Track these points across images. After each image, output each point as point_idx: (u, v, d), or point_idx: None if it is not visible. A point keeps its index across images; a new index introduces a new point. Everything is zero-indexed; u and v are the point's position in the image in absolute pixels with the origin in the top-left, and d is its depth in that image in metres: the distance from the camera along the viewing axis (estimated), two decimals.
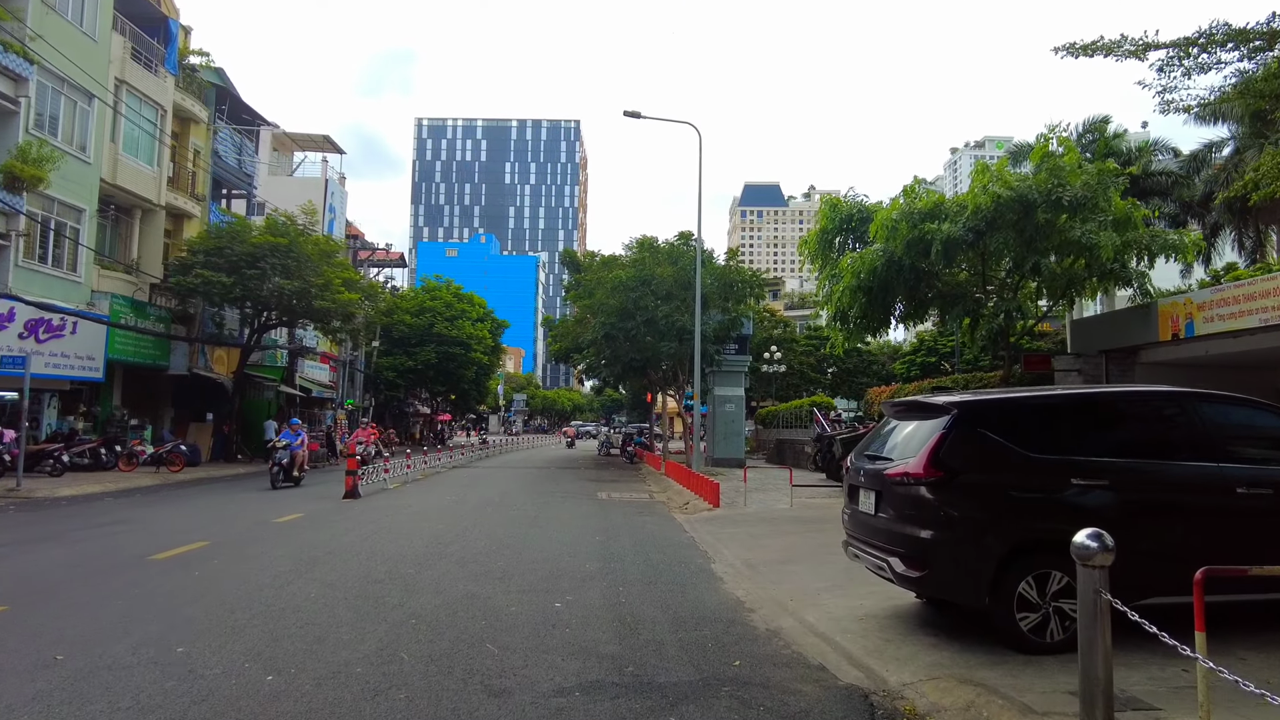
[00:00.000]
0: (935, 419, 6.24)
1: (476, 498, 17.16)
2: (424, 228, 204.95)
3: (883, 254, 14.50)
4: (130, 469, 23.60)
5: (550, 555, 9.88)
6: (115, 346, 25.27)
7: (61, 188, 23.27)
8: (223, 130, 33.13)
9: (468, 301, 52.59)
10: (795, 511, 14.90)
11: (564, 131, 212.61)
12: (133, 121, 26.60)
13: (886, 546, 6.26)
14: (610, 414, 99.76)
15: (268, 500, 16.31)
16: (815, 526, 12.91)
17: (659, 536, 11.99)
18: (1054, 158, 14.46)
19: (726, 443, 27.96)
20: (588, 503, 16.68)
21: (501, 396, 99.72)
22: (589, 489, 20.29)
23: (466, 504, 15.65)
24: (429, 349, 48.34)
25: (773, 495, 17.78)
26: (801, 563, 9.92)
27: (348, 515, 13.48)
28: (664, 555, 10.26)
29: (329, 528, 11.92)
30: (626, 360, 25.10)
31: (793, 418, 32.61)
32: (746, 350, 29.69)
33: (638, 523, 13.56)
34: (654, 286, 24.21)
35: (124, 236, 28.01)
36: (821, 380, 54.78)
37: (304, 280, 28.28)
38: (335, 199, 46.86)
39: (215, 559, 9.04)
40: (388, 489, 18.79)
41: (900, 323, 17.46)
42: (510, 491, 18.87)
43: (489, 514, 14.07)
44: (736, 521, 13.59)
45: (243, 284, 26.97)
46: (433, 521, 12.88)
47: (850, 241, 17.13)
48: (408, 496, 17.15)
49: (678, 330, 23.30)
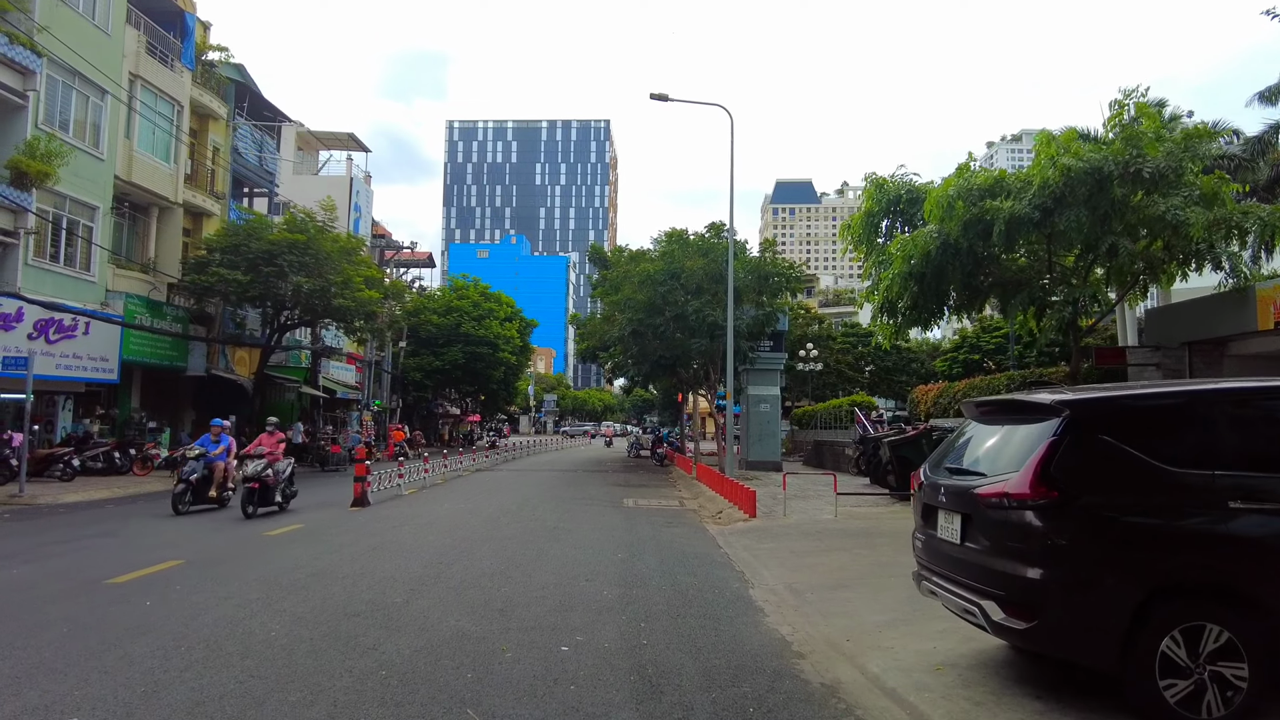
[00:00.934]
0: (1040, 422, 4.85)
1: (494, 506, 15.99)
2: (456, 230, 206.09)
3: (937, 236, 13.01)
4: (145, 473, 22.90)
5: (564, 578, 8.62)
6: (130, 347, 24.61)
7: (73, 184, 22.62)
8: (242, 127, 32.49)
9: (495, 301, 51.68)
10: (841, 523, 13.48)
11: (594, 131, 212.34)
12: (148, 118, 25.95)
13: (979, 586, 4.88)
14: (641, 414, 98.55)
15: None
16: (865, 541, 11.50)
17: (689, 553, 10.67)
18: (1130, 127, 12.86)
19: (761, 444, 26.51)
20: (612, 512, 15.42)
21: (532, 397, 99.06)
22: (615, 495, 19.03)
23: (481, 513, 14.47)
24: (456, 349, 47.50)
25: (814, 504, 16.36)
26: (855, 588, 8.54)
27: (348, 527, 12.36)
28: (694, 578, 8.94)
29: (323, 542, 10.79)
30: (655, 358, 23.79)
31: (831, 418, 31.03)
32: (782, 347, 28.18)
33: (666, 536, 12.26)
34: (683, 280, 22.88)
35: (141, 235, 27.40)
36: (859, 379, 52.96)
37: (323, 278, 27.45)
38: (360, 198, 46.22)
39: (180, 583, 7.92)
40: (402, 495, 17.72)
41: (954, 314, 15.92)
42: (531, 499, 17.68)
43: (503, 525, 12.86)
44: (776, 535, 12.22)
45: (260, 282, 26.20)
46: (440, 534, 11.70)
47: (899, 225, 15.63)
48: (421, 504, 16.03)
49: (709, 326, 21.94)
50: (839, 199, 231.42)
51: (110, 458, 22.86)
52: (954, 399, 22.22)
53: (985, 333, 56.40)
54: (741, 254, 23.45)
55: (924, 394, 24.53)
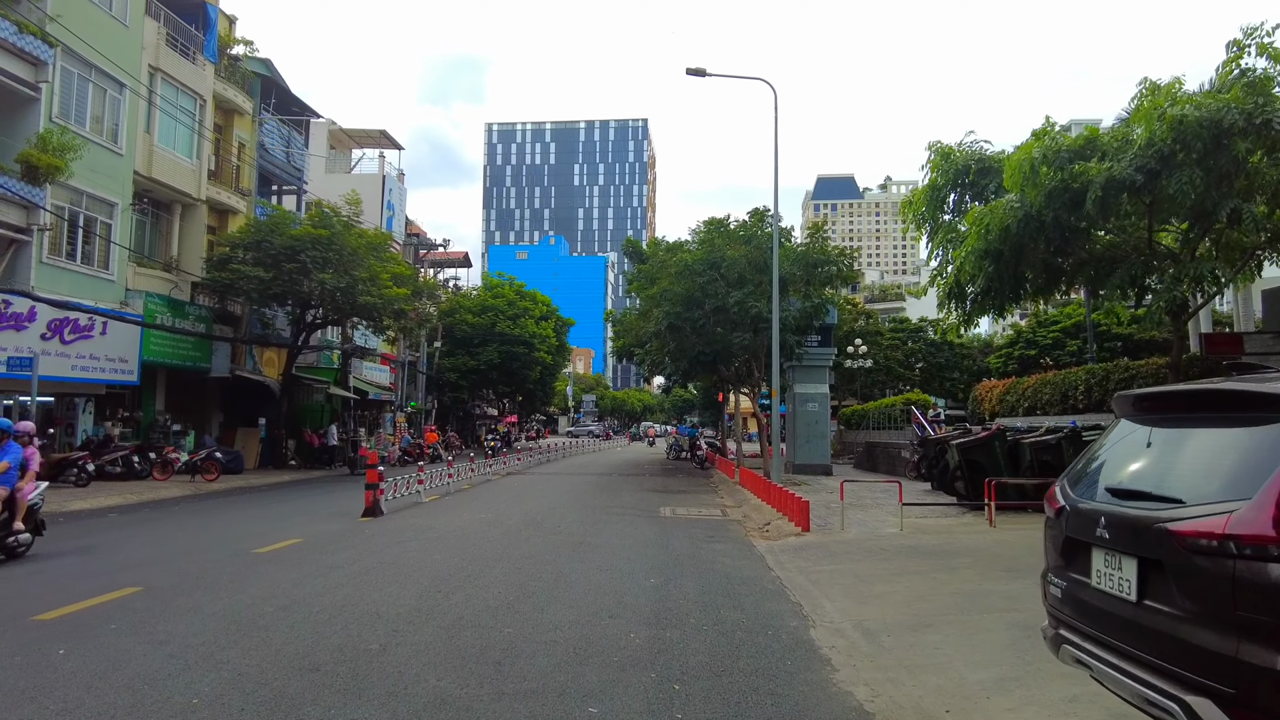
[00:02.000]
0: (1272, 424, 3.21)
1: (518, 515, 14.57)
2: (495, 232, 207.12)
3: (1019, 207, 11.22)
4: (165, 478, 22.06)
5: (583, 613, 7.12)
6: (151, 348, 23.83)
7: (90, 180, 21.86)
8: (269, 122, 31.70)
9: (530, 299, 50.54)
10: (908, 538, 11.76)
11: (631, 130, 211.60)
12: (168, 112, 25.18)
13: (1176, 669, 3.24)
14: (681, 414, 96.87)
15: (269, 520, 14.10)
16: (942, 562, 9.78)
17: (734, 577, 9.09)
18: (1250, 73, 10.93)
19: (809, 446, 24.73)
20: (647, 523, 13.87)
21: (570, 397, 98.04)
22: (651, 503, 17.50)
23: (501, 525, 13.05)
24: (491, 348, 46.47)
25: (874, 514, 14.61)
26: (941, 628, 6.89)
27: (351, 542, 11.03)
28: (742, 613, 7.37)
29: (314, 561, 9.45)
30: (694, 354, 22.16)
31: (884, 418, 29.08)
32: (830, 342, 26.32)
33: (707, 554, 10.68)
34: (724, 270, 21.22)
35: (163, 233, 26.68)
36: (909, 376, 50.61)
37: (348, 274, 26.43)
38: (394, 195, 45.46)
39: (121, 619, 6.60)
40: (421, 503, 16.41)
41: (1029, 299, 14.04)
42: (559, 506, 16.23)
43: (523, 540, 11.41)
44: (834, 553, 10.56)
45: (282, 279, 25.25)
46: (449, 551, 10.29)
47: (967, 199, 13.84)
48: (438, 514, 14.68)
49: (752, 319, 20.25)
50: (882, 194, 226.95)
51: (129, 462, 22.06)
52: (1022, 396, 20.24)
53: (1041, 327, 53.61)
54: (786, 242, 21.74)
55: (987, 391, 22.54)
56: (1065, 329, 51.90)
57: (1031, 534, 11.91)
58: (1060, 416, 17.85)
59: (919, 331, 53.17)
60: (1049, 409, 18.41)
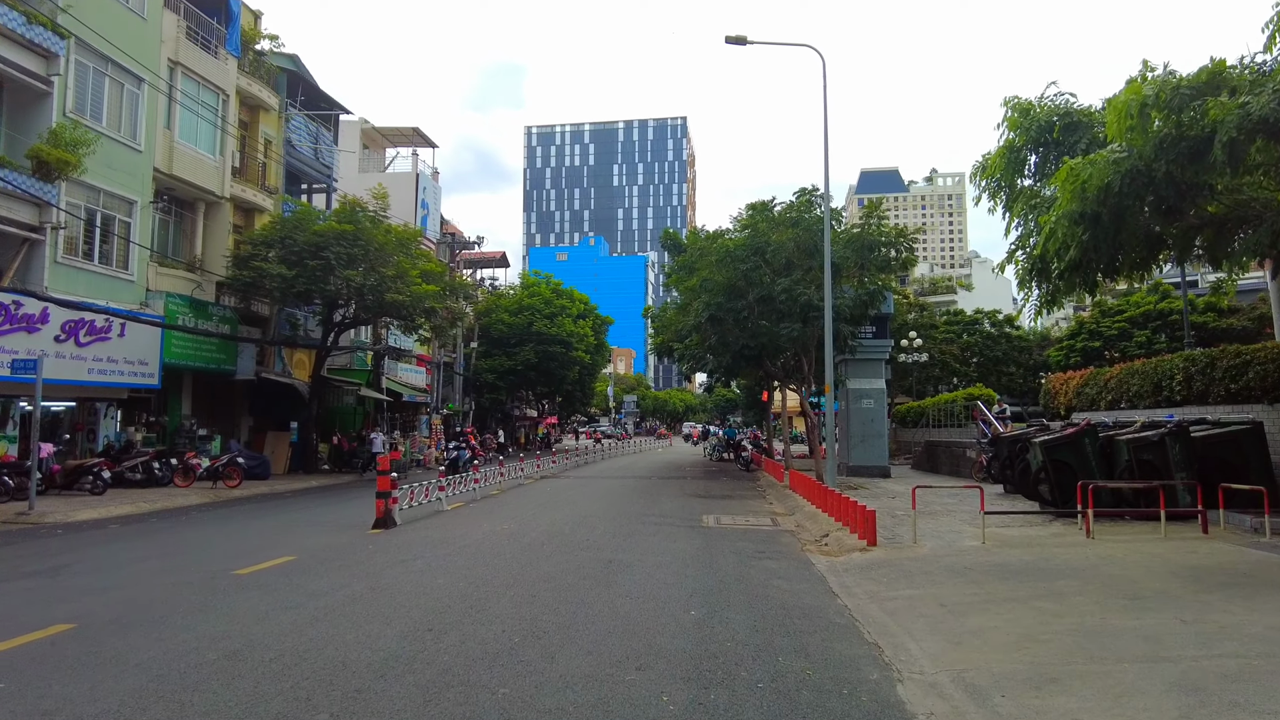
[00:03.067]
0: None
1: (544, 525, 13.12)
2: (536, 234, 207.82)
3: (1124, 158, 9.39)
4: (187, 484, 21.18)
5: (603, 663, 5.61)
6: (173, 350, 23.03)
7: (108, 177, 21.11)
8: (295, 118, 30.90)
9: (567, 297, 49.30)
10: (995, 553, 10.01)
11: (670, 129, 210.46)
12: (189, 108, 24.38)
13: None
14: (724, 414, 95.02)
15: (272, 532, 12.91)
16: (1044, 586, 8.05)
17: (792, 606, 7.50)
18: None
19: (865, 447, 22.87)
20: (687, 535, 12.31)
21: (611, 398, 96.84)
22: (693, 510, 15.93)
23: (524, 538, 11.61)
24: (528, 348, 45.35)
25: (946, 523, 12.84)
26: (1070, 682, 5.22)
27: (347, 561, 9.69)
28: (807, 660, 5.77)
29: (294, 588, 8.10)
30: (737, 348, 20.47)
31: (943, 415, 27.04)
32: (886, 333, 24.35)
33: (758, 575, 9.09)
34: (769, 256, 19.53)
35: (187, 232, 25.93)
36: (965, 371, 48.10)
37: (375, 272, 25.39)
38: (427, 194, 44.62)
39: (13, 679, 5.27)
40: (442, 511, 15.08)
41: (1128, 272, 12.10)
42: (592, 515, 14.75)
43: (543, 557, 9.94)
44: (910, 574, 8.89)
45: (305, 276, 24.27)
46: (455, 574, 8.87)
47: (1051, 161, 12.00)
48: (456, 525, 13.31)
49: (801, 307, 18.51)
50: (927, 186, 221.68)
51: (149, 469, 21.21)
52: (1104, 388, 18.17)
53: (1106, 317, 50.68)
54: (837, 225, 19.96)
55: (1061, 384, 20.44)
56: (1132, 319, 48.92)
57: (1140, 548, 10.08)
58: (1152, 410, 15.82)
59: (974, 324, 50.58)
60: (1138, 402, 16.37)
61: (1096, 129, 11.19)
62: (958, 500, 15.44)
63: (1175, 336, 47.27)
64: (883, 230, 19.09)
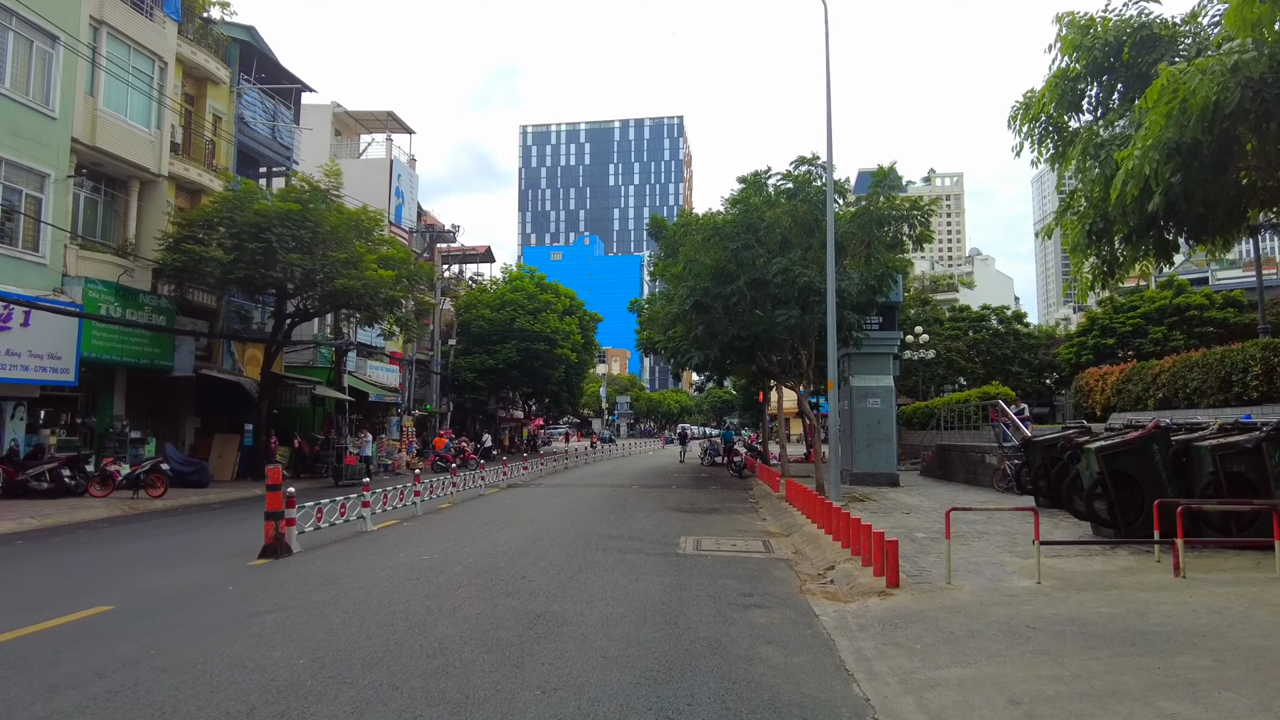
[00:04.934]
0: None
1: (476, 554, 10.51)
2: (531, 234, 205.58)
3: (1252, 59, 6.84)
4: (104, 494, 18.60)
5: None
6: (94, 343, 20.45)
7: (13, 146, 18.59)
8: (249, 92, 28.32)
9: (552, 292, 46.70)
10: (1058, 598, 7.45)
11: (666, 129, 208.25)
12: (117, 75, 21.78)
13: None
14: (720, 416, 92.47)
15: (133, 562, 10.33)
16: (1155, 659, 5.50)
17: (787, 703, 4.95)
18: None
19: (870, 451, 20.31)
20: (656, 567, 9.73)
21: (604, 399, 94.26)
22: (670, 528, 13.36)
23: (440, 575, 8.99)
24: (510, 346, 42.77)
25: (981, 550, 10.27)
26: None
27: (179, 615, 7.12)
28: None
29: (48, 671, 5.52)
30: (726, 340, 17.92)
31: (955, 416, 24.49)
32: (894, 324, 21.73)
33: (740, 638, 6.53)
34: (762, 234, 17.00)
35: (119, 213, 23.32)
36: (972, 370, 45.58)
37: (324, 256, 22.82)
38: (402, 182, 42.03)
39: None
40: (365, 532, 12.47)
41: (1219, 236, 9.53)
42: (545, 536, 12.16)
43: (451, 610, 7.36)
44: (953, 636, 6.33)
45: (245, 261, 21.69)
46: (305, 641, 6.28)
47: (1117, 89, 9.46)
48: (368, 552, 10.69)
49: (800, 291, 15.93)
50: (925, 186, 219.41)
51: (58, 476, 18.62)
52: (1153, 384, 15.64)
53: (1119, 313, 48.23)
54: (841, 199, 17.41)
55: (1096, 380, 17.91)
56: (1146, 314, 46.46)
57: (1260, 595, 7.35)
58: (1218, 410, 13.30)
59: (981, 320, 48.08)
60: (1199, 400, 13.86)
61: (1183, 44, 8.65)
62: (987, 519, 12.90)
63: (1193, 333, 44.80)
64: (893, 202, 16.48)
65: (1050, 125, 9.90)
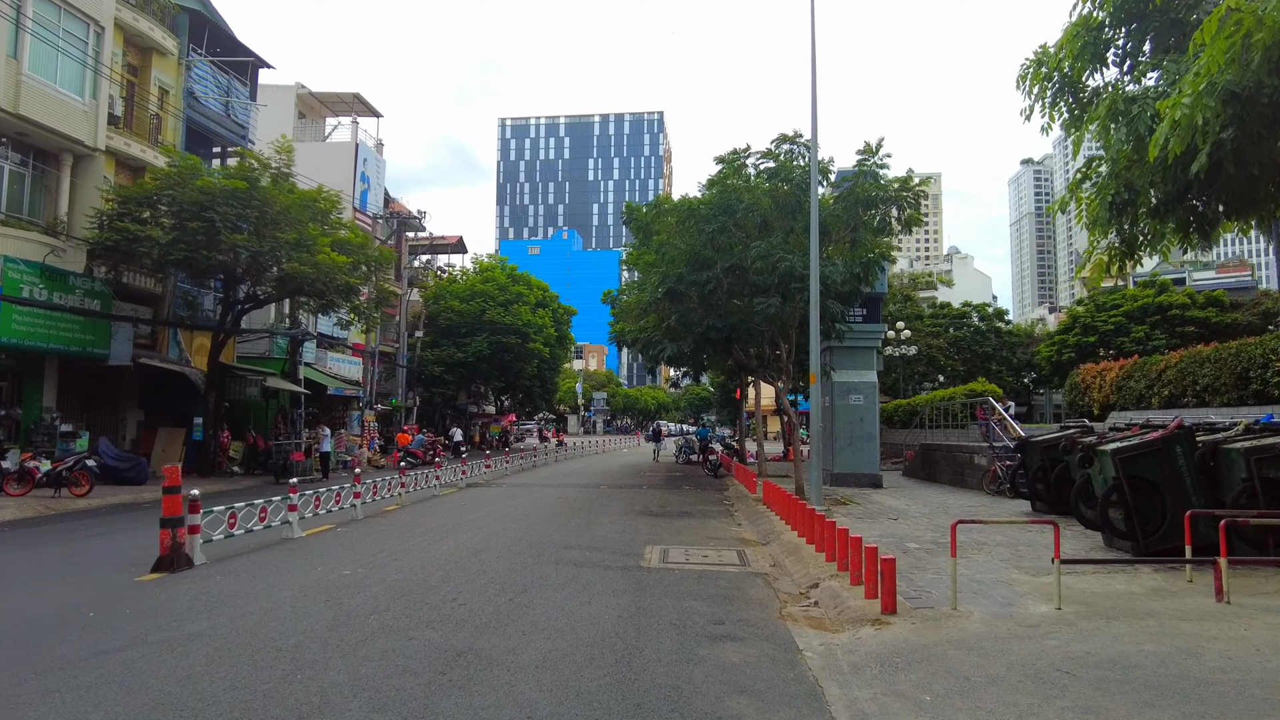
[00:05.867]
0: None
1: (406, 569, 9.12)
2: (509, 229, 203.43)
3: None
4: (21, 492, 17.02)
5: None
6: (14, 328, 18.81)
7: None
8: (200, 65, 26.60)
9: (524, 284, 45.20)
10: (1084, 630, 6.24)
11: (647, 124, 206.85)
12: (43, 38, 20.05)
13: None
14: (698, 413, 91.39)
15: (7, 575, 8.87)
16: (1226, 708, 4.30)
17: None
18: None
19: (852, 451, 19.16)
20: (614, 585, 8.42)
21: (580, 395, 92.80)
22: (636, 535, 12.06)
23: (356, 597, 7.62)
24: (480, 339, 41.23)
25: (984, 564, 9.07)
26: None
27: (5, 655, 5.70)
28: None
29: None
30: (701, 330, 16.67)
31: (940, 414, 23.41)
32: (879, 316, 20.55)
33: (705, 684, 5.24)
34: (740, 217, 15.76)
35: (50, 189, 21.59)
36: (953, 368, 44.76)
37: (271, 237, 21.25)
38: (368, 166, 40.34)
39: None
40: (291, 539, 11.04)
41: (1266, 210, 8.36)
42: (491, 547, 10.79)
43: (355, 645, 6.00)
44: (969, 684, 5.09)
45: (186, 241, 20.09)
46: (140, 697, 4.92)
47: (1147, 39, 8.28)
48: (281, 566, 9.26)
49: (781, 277, 14.67)
50: None
51: None
52: (1158, 380, 14.58)
53: (1101, 311, 47.73)
54: (825, 180, 16.20)
55: (1094, 376, 16.87)
56: (1128, 313, 45.94)
57: None
58: (1233, 408, 12.24)
59: (963, 317, 47.29)
60: (1211, 397, 12.81)
61: None
62: (984, 531, 11.72)
63: (1175, 332, 44.34)
64: (880, 182, 15.25)
65: (1065, 85, 8.71)
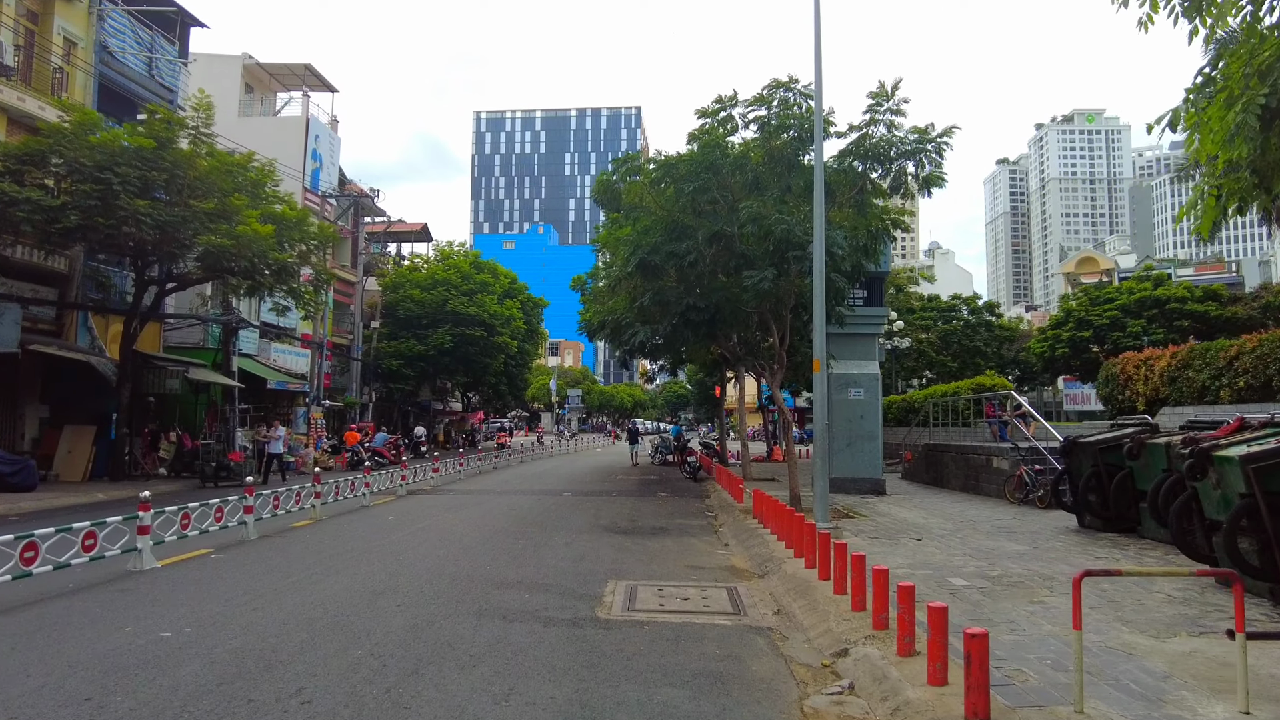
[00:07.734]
0: None
1: (258, 626, 6.40)
2: (484, 223, 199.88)
3: None
4: None
5: None
6: None
7: None
8: (115, 15, 23.59)
9: (490, 272, 42.39)
10: None
11: (624, 119, 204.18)
12: None
13: None
14: (675, 411, 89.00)
15: None
16: None
17: None
18: None
19: (852, 452, 16.68)
20: (550, 656, 5.80)
21: (555, 392, 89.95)
22: (597, 564, 9.45)
23: (152, 684, 4.98)
24: (441, 331, 38.39)
25: (1059, 611, 6.62)
26: None
27: None
28: None
29: None
30: (679, 311, 14.11)
31: (944, 411, 21.06)
32: (880, 300, 17.95)
33: None
34: (726, 174, 13.26)
35: None
36: (945, 363, 42.63)
37: (183, 205, 18.39)
38: (321, 143, 37.36)
39: None
40: (136, 572, 8.33)
41: None
42: (399, 585, 8.12)
43: None
44: None
45: (78, 207, 17.19)
46: None
47: None
48: (81, 620, 6.50)
49: (776, 244, 12.17)
50: None
51: None
52: (1225, 370, 12.27)
53: (1095, 305, 45.96)
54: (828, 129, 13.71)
55: (1135, 367, 14.56)
56: (1124, 306, 44.16)
57: None
58: None
59: (951, 310, 45.23)
60: None
61: None
62: (1032, 546, 9.28)
63: (1172, 326, 42.65)
64: (895, 134, 12.76)
65: None
